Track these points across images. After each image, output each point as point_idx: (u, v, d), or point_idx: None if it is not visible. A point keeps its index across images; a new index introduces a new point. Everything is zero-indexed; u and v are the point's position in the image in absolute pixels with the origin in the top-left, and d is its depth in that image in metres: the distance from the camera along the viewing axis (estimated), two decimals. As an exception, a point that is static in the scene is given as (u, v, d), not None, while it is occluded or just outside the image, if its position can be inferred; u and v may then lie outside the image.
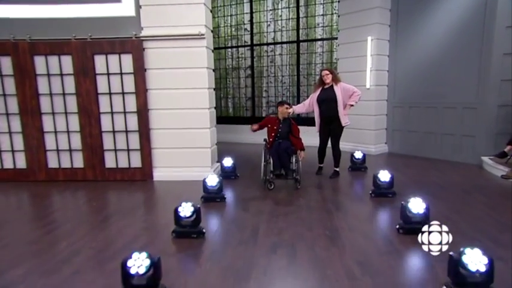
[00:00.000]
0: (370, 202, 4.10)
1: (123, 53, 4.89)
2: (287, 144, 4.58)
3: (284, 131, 4.70)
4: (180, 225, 3.21)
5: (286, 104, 4.76)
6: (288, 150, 4.53)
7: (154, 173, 5.19)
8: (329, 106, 4.91)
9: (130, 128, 5.09)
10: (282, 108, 4.72)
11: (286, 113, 4.71)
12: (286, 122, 4.74)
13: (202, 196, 4.21)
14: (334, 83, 4.93)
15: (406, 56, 6.54)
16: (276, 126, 4.70)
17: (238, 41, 8.77)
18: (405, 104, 6.66)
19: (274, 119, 4.77)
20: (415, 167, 5.75)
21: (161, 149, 5.15)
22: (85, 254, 2.90)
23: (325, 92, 4.97)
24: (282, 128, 4.71)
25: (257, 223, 3.50)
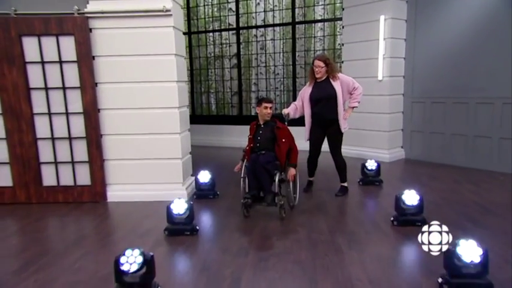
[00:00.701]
0: (394, 234, 3.36)
1: (62, 34, 4.12)
2: (268, 157, 3.74)
3: (265, 140, 3.86)
4: (122, 284, 2.39)
5: (266, 102, 3.86)
6: (268, 165, 3.66)
7: (108, 193, 4.46)
8: (326, 106, 4.22)
9: (75, 134, 4.36)
10: (260, 108, 3.87)
11: (267, 114, 3.86)
12: (268, 126, 3.89)
13: (166, 228, 3.43)
14: (331, 76, 4.23)
15: (429, 39, 5.88)
16: (252, 133, 3.96)
17: (222, 23, 8.16)
18: (426, 99, 6.02)
19: (254, 124, 4.01)
20: (442, 180, 5.06)
21: (117, 161, 4.44)
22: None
23: (320, 87, 4.26)
24: (262, 134, 3.88)
25: (239, 272, 2.73)
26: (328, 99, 4.19)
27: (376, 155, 6.06)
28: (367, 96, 6.07)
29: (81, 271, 2.82)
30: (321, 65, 4.16)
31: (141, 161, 4.41)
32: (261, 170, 3.63)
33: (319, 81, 4.25)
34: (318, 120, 4.30)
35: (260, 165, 3.64)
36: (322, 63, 4.17)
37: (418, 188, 4.05)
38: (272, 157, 3.75)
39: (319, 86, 4.25)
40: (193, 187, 4.64)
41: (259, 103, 3.90)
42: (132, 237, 3.43)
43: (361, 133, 6.43)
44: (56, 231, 3.76)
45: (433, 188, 4.69)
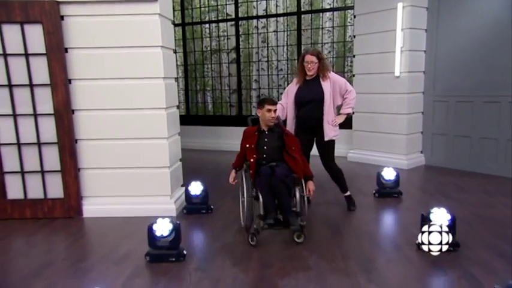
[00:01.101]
0: (421, 261, 2.93)
1: (28, 22, 3.75)
2: (284, 170, 3.27)
3: (272, 149, 3.42)
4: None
5: (270, 104, 3.40)
6: (287, 179, 3.22)
7: (84, 207, 4.10)
8: (313, 110, 3.86)
9: (45, 139, 3.99)
10: (263, 111, 3.41)
11: (272, 119, 3.40)
12: (274, 133, 3.48)
13: (147, 253, 3.04)
14: (322, 74, 3.84)
15: (454, 29, 5.50)
16: (253, 142, 3.43)
17: (219, 13, 7.86)
18: (450, 98, 5.65)
19: (252, 131, 3.51)
20: (471, 191, 4.65)
21: (94, 170, 4.09)
22: None
23: (308, 87, 3.89)
24: (268, 143, 3.44)
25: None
26: (316, 101, 3.84)
27: (392, 161, 5.70)
28: (382, 95, 5.89)
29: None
30: (314, 60, 3.77)
31: (122, 170, 4.05)
32: (280, 185, 3.16)
33: (308, 80, 3.89)
34: (303, 126, 3.95)
35: (278, 179, 3.17)
36: (315, 58, 3.77)
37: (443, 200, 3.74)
38: (287, 169, 3.31)
39: (307, 86, 3.89)
40: (183, 200, 4.25)
41: (261, 105, 3.44)
42: (107, 264, 3.04)
43: (375, 136, 6.07)
44: (18, 255, 3.35)
45: (462, 201, 4.27)
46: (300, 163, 3.36)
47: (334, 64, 7.13)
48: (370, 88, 6.04)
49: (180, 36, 8.06)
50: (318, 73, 3.84)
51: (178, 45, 8.15)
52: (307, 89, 3.87)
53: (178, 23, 7.97)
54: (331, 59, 7.12)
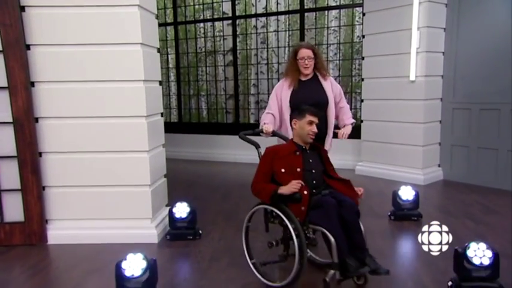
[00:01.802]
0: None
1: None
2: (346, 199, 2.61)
3: (320, 173, 2.77)
4: None
5: (313, 115, 2.71)
6: (355, 208, 2.62)
7: (49, 232, 3.62)
8: None
9: (3, 153, 3.53)
10: (301, 123, 2.70)
11: (313, 134, 2.71)
12: (315, 151, 2.83)
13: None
14: (321, 73, 3.34)
15: (476, 29, 5.13)
16: (299, 164, 2.67)
17: (215, 12, 7.55)
18: (473, 105, 5.24)
19: (288, 149, 2.76)
20: (503, 213, 4.15)
21: (61, 189, 3.62)
22: None
23: (305, 88, 3.30)
24: (315, 166, 2.75)
25: None
26: (319, 105, 3.16)
27: (407, 175, 5.32)
28: (395, 101, 5.55)
29: None
30: (310, 55, 3.21)
31: (95, 189, 3.60)
32: (356, 220, 2.56)
33: (304, 81, 3.31)
34: None
35: (352, 212, 2.56)
36: (311, 53, 3.23)
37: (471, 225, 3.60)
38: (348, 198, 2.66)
39: (305, 88, 3.30)
40: (165, 224, 3.75)
41: (301, 115, 2.72)
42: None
43: (386, 147, 5.69)
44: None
45: (493, 226, 3.78)
46: (351, 187, 2.74)
47: (341, 67, 6.82)
48: (382, 94, 5.70)
49: (173, 37, 7.77)
50: (314, 72, 3.32)
51: (170, 46, 7.93)
52: (307, 91, 3.28)
53: (170, 22, 7.70)
54: (338, 61, 6.81)
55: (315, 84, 3.31)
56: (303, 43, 3.50)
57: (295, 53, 3.27)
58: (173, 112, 8.01)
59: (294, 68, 3.29)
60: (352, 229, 2.51)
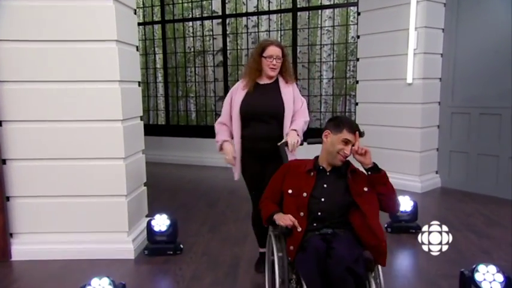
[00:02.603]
0: None
1: None
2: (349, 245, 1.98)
3: (335, 205, 2.11)
4: None
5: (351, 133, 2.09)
6: (358, 265, 1.90)
7: (14, 247, 3.30)
8: (267, 127, 2.75)
9: None
10: (336, 138, 2.12)
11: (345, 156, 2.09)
12: (341, 177, 2.16)
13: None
14: (284, 78, 2.82)
15: (476, 29, 4.92)
16: (308, 189, 2.13)
17: (204, 10, 7.34)
18: (473, 109, 5.04)
19: (306, 165, 2.23)
20: (506, 225, 3.91)
21: (27, 199, 3.30)
22: None
23: (260, 92, 2.79)
24: (329, 193, 2.13)
25: None
26: (272, 115, 2.75)
27: (403, 182, 5.04)
28: (391, 105, 5.34)
29: None
30: (279, 55, 2.74)
31: (65, 199, 3.29)
32: (346, 277, 1.84)
33: (262, 84, 2.80)
34: (251, 149, 2.81)
35: (342, 266, 1.85)
36: (280, 51, 2.75)
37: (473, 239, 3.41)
38: (355, 243, 2.02)
39: (259, 92, 2.79)
40: (142, 238, 3.46)
41: (338, 127, 2.12)
42: None
43: (382, 153, 5.32)
44: None
45: (498, 240, 3.53)
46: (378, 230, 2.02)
47: (335, 69, 6.61)
48: (377, 97, 5.49)
49: (160, 36, 7.51)
50: (277, 76, 2.82)
51: (158, 46, 7.71)
52: (262, 97, 2.78)
53: (157, 21, 7.45)
54: (331, 63, 6.60)
55: (273, 90, 2.79)
56: (273, 40, 3.07)
57: (262, 50, 2.75)
58: (160, 114, 7.75)
59: (256, 68, 2.80)
60: (335, 285, 1.87)
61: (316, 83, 6.75)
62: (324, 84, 6.73)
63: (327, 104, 6.72)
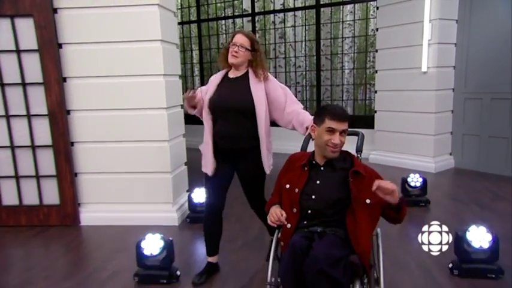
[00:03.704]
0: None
1: (19, 15, 3.38)
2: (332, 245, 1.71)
3: (326, 202, 1.84)
4: None
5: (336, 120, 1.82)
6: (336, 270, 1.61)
7: (81, 214, 3.74)
8: (236, 124, 2.43)
9: (40, 142, 3.62)
10: (319, 130, 1.87)
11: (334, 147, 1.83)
12: (337, 171, 1.89)
13: (136, 273, 2.62)
14: (256, 71, 2.45)
15: (489, 20, 4.90)
16: (300, 184, 1.90)
17: (235, 9, 7.46)
18: (485, 95, 5.03)
19: (300, 160, 1.98)
20: (511, 200, 3.99)
21: (91, 175, 3.71)
22: None
23: (230, 86, 2.48)
24: (320, 189, 1.87)
25: None
26: (240, 111, 2.41)
27: (418, 163, 5.16)
28: (408, 92, 5.38)
29: None
30: (244, 43, 2.40)
31: (121, 176, 3.66)
32: (319, 280, 1.60)
33: (231, 77, 2.50)
34: (221, 148, 2.48)
35: (316, 268, 1.60)
36: (247, 41, 2.42)
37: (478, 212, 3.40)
38: (342, 245, 1.75)
39: (227, 85, 2.49)
40: (185, 209, 3.83)
41: (320, 118, 1.88)
42: (92, 284, 2.63)
43: (399, 137, 5.54)
44: (7, 266, 3.00)
45: (501, 213, 3.67)
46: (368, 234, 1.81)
47: (356, 60, 6.61)
48: (394, 85, 5.53)
49: (196, 34, 7.74)
50: (247, 68, 2.49)
51: (194, 43, 7.92)
52: (229, 90, 2.46)
53: (194, 20, 7.67)
54: (352, 54, 6.60)
55: (241, 85, 2.46)
56: (244, 30, 2.71)
57: (232, 38, 2.48)
58: (198, 105, 8.08)
59: (224, 58, 2.51)
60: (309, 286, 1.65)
61: (338, 73, 6.76)
62: (345, 74, 6.74)
63: (349, 92, 6.74)
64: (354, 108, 6.71)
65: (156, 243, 2.56)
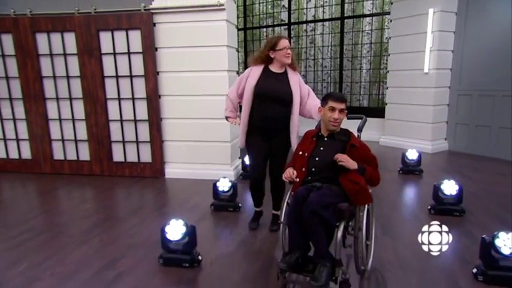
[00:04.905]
0: (428, 221, 3.05)
1: (131, 29, 4.20)
2: (325, 195, 1.96)
3: (324, 164, 2.12)
4: (168, 250, 2.43)
5: (336, 101, 2.14)
6: (325, 211, 1.89)
7: (166, 169, 4.53)
8: (276, 109, 2.66)
9: (140, 117, 4.45)
10: (324, 109, 2.17)
11: (334, 122, 2.15)
12: (336, 141, 2.18)
13: (212, 203, 3.43)
14: (291, 67, 2.72)
15: (480, 31, 5.28)
16: (308, 150, 2.19)
17: (275, 19, 7.93)
18: (474, 92, 5.43)
19: (311, 134, 2.28)
20: (486, 172, 4.56)
21: (173, 142, 4.48)
22: (42, 285, 2.21)
23: (271, 78, 2.68)
24: (322, 154, 2.15)
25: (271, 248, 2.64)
26: (281, 99, 2.65)
27: (419, 145, 5.59)
28: (413, 89, 5.79)
29: (137, 236, 2.91)
30: (289, 45, 2.68)
31: (194, 143, 4.41)
32: (312, 218, 1.90)
33: (272, 71, 2.70)
34: (259, 127, 2.72)
35: (309, 209, 1.90)
36: (289, 43, 2.69)
37: (458, 178, 3.66)
38: (333, 195, 1.99)
39: (270, 77, 2.67)
40: (239, 169, 4.59)
41: (324, 101, 2.19)
42: (181, 210, 3.46)
43: (404, 124, 6.02)
44: (121, 200, 3.92)
45: (475, 179, 4.24)
46: (363, 191, 2.03)
47: (372, 62, 7.01)
48: (402, 82, 5.96)
49: (242, 38, 8.25)
50: (285, 66, 2.72)
51: (240, 46, 8.37)
52: (271, 81, 2.66)
53: (241, 28, 8.15)
54: (370, 57, 7.02)
55: (282, 78, 2.68)
56: (281, 35, 2.84)
57: (275, 44, 2.64)
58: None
59: (265, 58, 2.69)
60: (306, 227, 1.93)
61: (357, 73, 7.14)
62: (363, 73, 7.10)
63: (365, 88, 7.12)
64: (369, 101, 7.15)
65: (227, 183, 3.36)
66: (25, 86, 4.50)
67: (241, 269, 2.40)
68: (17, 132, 4.72)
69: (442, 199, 3.19)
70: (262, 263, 2.46)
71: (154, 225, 3.02)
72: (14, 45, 4.41)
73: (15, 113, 4.67)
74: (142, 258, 2.54)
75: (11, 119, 4.69)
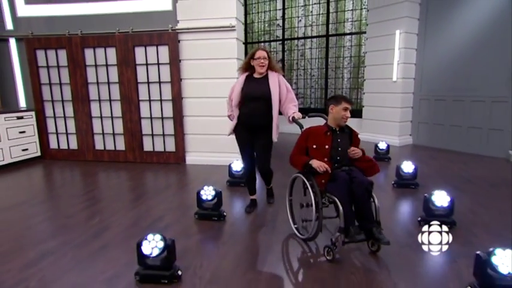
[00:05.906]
0: (392, 192, 3.71)
1: (160, 44, 4.73)
2: (361, 175, 2.26)
3: (345, 151, 2.37)
4: (202, 208, 3.03)
5: (348, 102, 2.37)
6: (369, 187, 2.23)
7: (187, 157, 5.03)
8: (257, 108, 2.82)
9: (166, 115, 4.95)
10: (338, 109, 2.35)
11: (346, 119, 2.38)
12: (345, 133, 2.43)
13: (227, 180, 4.01)
14: (271, 70, 2.86)
15: (435, 49, 5.88)
16: (328, 143, 2.36)
17: (271, 36, 8.36)
18: (431, 97, 6.01)
19: (321, 129, 2.42)
20: (440, 159, 5.19)
21: (193, 135, 4.97)
22: (114, 230, 2.81)
23: (253, 82, 2.85)
24: (342, 144, 2.39)
25: (276, 211, 3.25)
26: (262, 99, 2.79)
27: (389, 140, 6.03)
28: (384, 94, 6.27)
29: (173, 202, 3.49)
30: (265, 56, 2.80)
31: (209, 136, 4.84)
32: (364, 194, 2.18)
33: (255, 77, 2.87)
34: (244, 123, 2.92)
35: (363, 186, 2.18)
36: (265, 54, 2.81)
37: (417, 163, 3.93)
38: (363, 176, 2.29)
39: (252, 82, 2.86)
40: None
41: (337, 101, 2.36)
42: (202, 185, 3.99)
43: (377, 123, 6.54)
44: (153, 180, 4.46)
45: (430, 165, 4.84)
46: (372, 166, 2.36)
47: (351, 72, 7.45)
48: (376, 89, 6.42)
49: (244, 52, 8.61)
50: (267, 72, 2.86)
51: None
52: (253, 85, 2.83)
53: (244, 42, 8.33)
54: (350, 68, 7.47)
55: (262, 81, 2.82)
56: (260, 46, 3.08)
57: (253, 55, 2.82)
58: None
59: (248, 67, 2.90)
60: (360, 202, 2.18)
61: (340, 81, 7.54)
62: (345, 81, 7.49)
63: (346, 94, 7.47)
64: (349, 104, 7.65)
65: (239, 165, 3.95)
66: (74, 90, 5.05)
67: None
68: (67, 127, 5.25)
69: (402, 176, 3.80)
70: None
71: (185, 195, 3.62)
72: (67, 58, 4.95)
73: (66, 112, 5.21)
74: (180, 217, 3.12)
75: (62, 117, 5.23)
